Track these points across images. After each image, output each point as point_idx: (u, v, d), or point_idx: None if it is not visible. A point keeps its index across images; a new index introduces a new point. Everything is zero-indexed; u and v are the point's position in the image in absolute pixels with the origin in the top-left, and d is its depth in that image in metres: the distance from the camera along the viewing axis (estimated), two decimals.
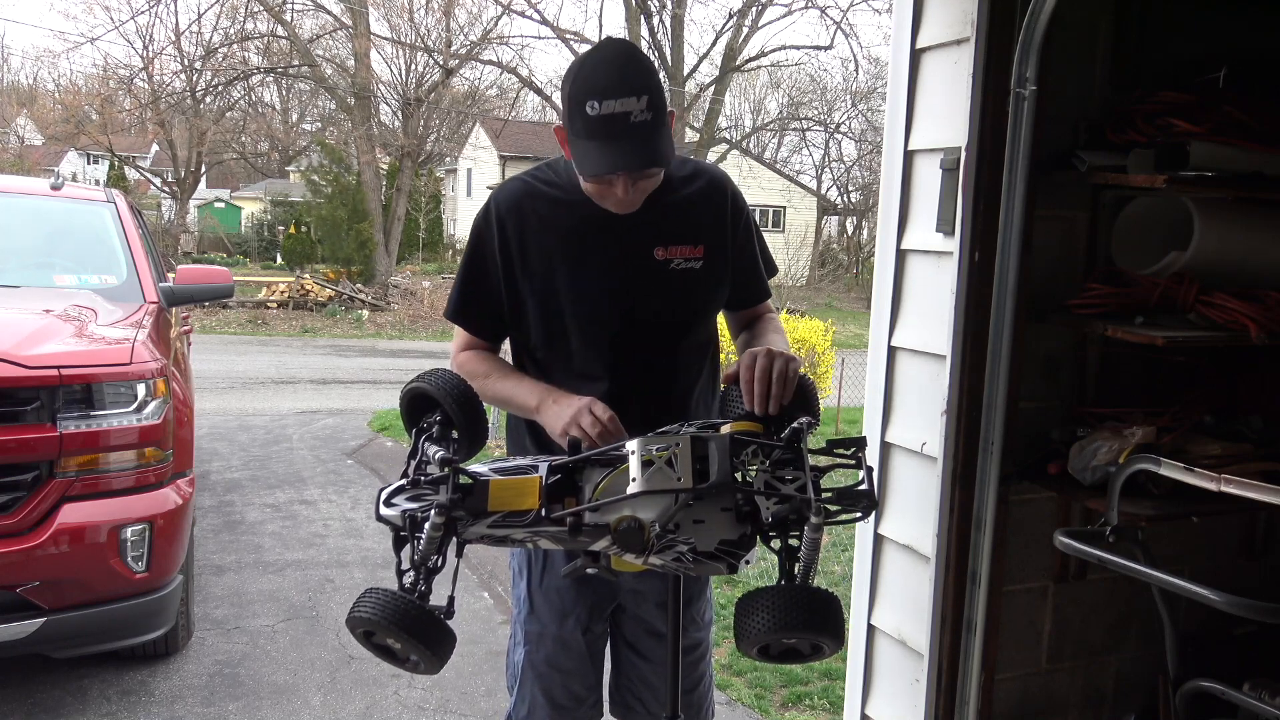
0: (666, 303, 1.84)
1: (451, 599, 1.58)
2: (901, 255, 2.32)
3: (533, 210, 1.81)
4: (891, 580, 2.40)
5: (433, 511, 1.53)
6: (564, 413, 1.66)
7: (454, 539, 1.58)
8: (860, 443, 1.64)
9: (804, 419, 1.58)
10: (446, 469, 1.55)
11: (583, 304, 1.80)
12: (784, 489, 1.53)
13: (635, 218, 1.79)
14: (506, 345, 1.98)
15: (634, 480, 1.50)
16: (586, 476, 1.58)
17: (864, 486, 1.58)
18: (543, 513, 1.55)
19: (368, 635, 1.57)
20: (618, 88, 1.58)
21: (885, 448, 2.38)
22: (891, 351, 2.36)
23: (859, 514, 1.59)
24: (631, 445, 1.54)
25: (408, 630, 1.50)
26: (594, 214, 1.79)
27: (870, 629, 2.45)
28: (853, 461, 1.62)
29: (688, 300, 1.86)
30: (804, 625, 1.44)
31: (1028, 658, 2.48)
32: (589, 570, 1.62)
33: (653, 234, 1.81)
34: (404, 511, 1.57)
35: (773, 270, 2.03)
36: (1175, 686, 2.20)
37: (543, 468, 1.60)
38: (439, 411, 1.65)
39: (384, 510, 1.59)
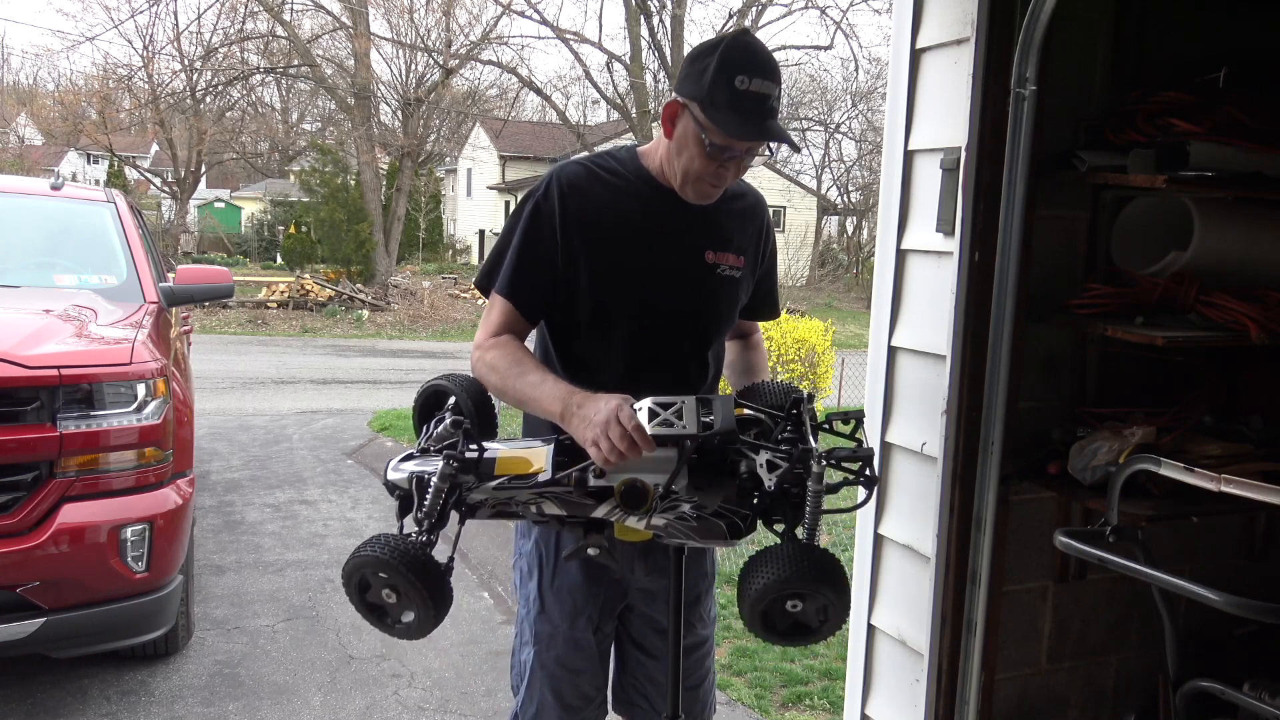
0: (709, 304, 1.88)
1: (451, 559, 1.61)
2: (901, 255, 2.32)
3: (594, 193, 1.82)
4: (891, 580, 2.40)
5: (441, 461, 1.57)
6: (592, 420, 1.58)
7: (459, 508, 1.62)
8: (859, 415, 1.69)
9: (806, 392, 1.67)
10: (457, 430, 1.60)
11: (633, 291, 1.81)
12: (784, 456, 1.58)
13: (690, 219, 1.84)
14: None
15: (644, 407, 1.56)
16: None
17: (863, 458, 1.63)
18: (549, 474, 1.60)
19: (362, 590, 1.57)
20: (765, 71, 1.69)
21: (885, 448, 2.38)
22: (891, 351, 2.36)
23: (860, 476, 1.62)
24: (640, 404, 1.57)
25: (415, 572, 1.51)
26: (655, 207, 1.82)
27: (870, 629, 2.45)
28: (853, 441, 1.67)
29: (727, 306, 1.92)
30: (806, 577, 1.46)
31: (1028, 658, 2.48)
32: (591, 552, 1.64)
33: (705, 237, 1.86)
34: (412, 474, 1.61)
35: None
36: (1175, 686, 2.20)
37: (551, 445, 1.65)
38: (452, 402, 1.70)
39: (391, 474, 1.63)
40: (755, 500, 1.59)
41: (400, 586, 1.53)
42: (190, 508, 3.45)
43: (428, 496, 1.57)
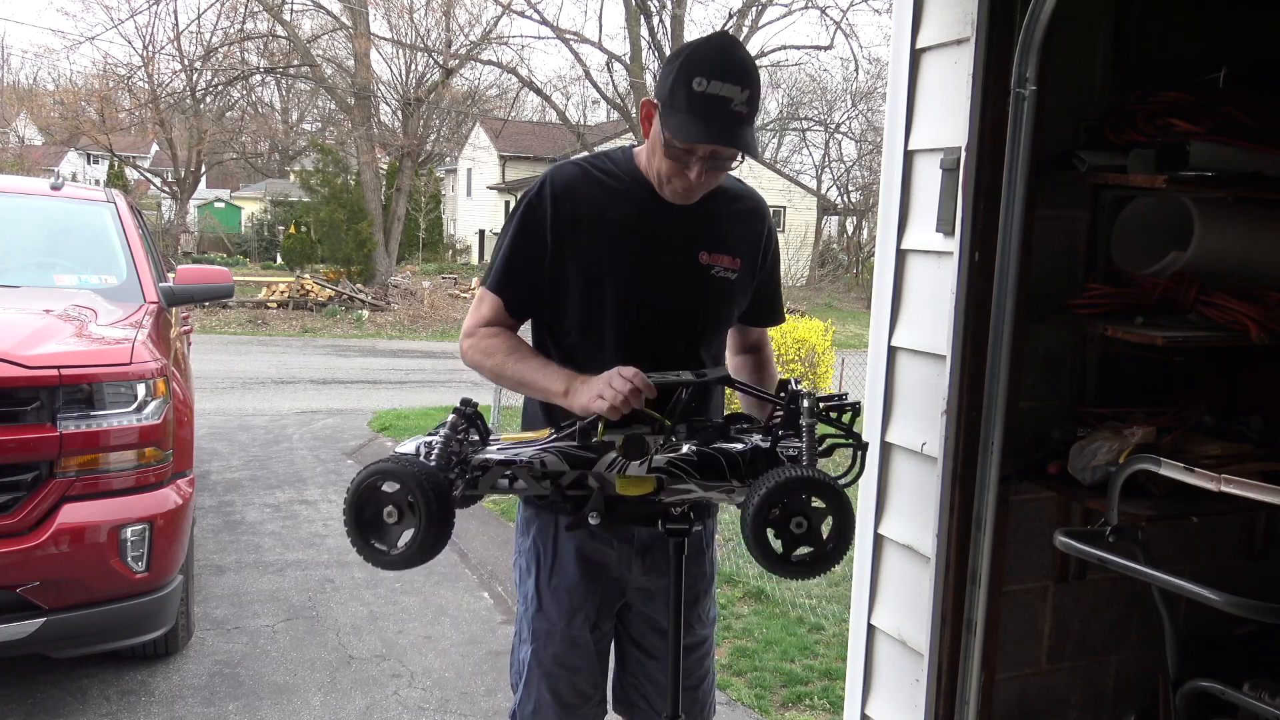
0: (702, 305, 1.89)
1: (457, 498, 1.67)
2: (901, 255, 2.32)
3: (588, 194, 1.83)
4: (891, 580, 2.40)
5: (451, 415, 1.64)
6: (594, 381, 1.65)
7: (464, 474, 1.65)
8: (843, 396, 1.76)
9: (796, 379, 1.76)
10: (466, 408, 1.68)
11: (626, 291, 1.82)
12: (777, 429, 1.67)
13: (685, 220, 1.84)
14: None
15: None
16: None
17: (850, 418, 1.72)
18: (552, 433, 1.67)
19: (360, 510, 1.57)
20: (726, 73, 1.65)
21: (885, 448, 2.38)
22: (891, 351, 2.36)
23: (849, 435, 1.68)
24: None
25: (434, 490, 1.53)
26: (648, 209, 1.82)
27: (870, 629, 2.45)
28: (842, 420, 1.72)
29: (721, 307, 1.93)
30: (808, 478, 1.48)
31: (1028, 658, 2.48)
32: (592, 520, 1.66)
33: (700, 238, 1.86)
34: (419, 445, 1.65)
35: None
36: (1175, 686, 2.20)
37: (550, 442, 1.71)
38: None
39: (398, 450, 1.66)
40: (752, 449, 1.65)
41: (410, 498, 1.53)
42: (190, 508, 3.45)
43: (435, 449, 1.61)
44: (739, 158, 1.76)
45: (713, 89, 1.64)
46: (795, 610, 4.30)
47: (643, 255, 1.83)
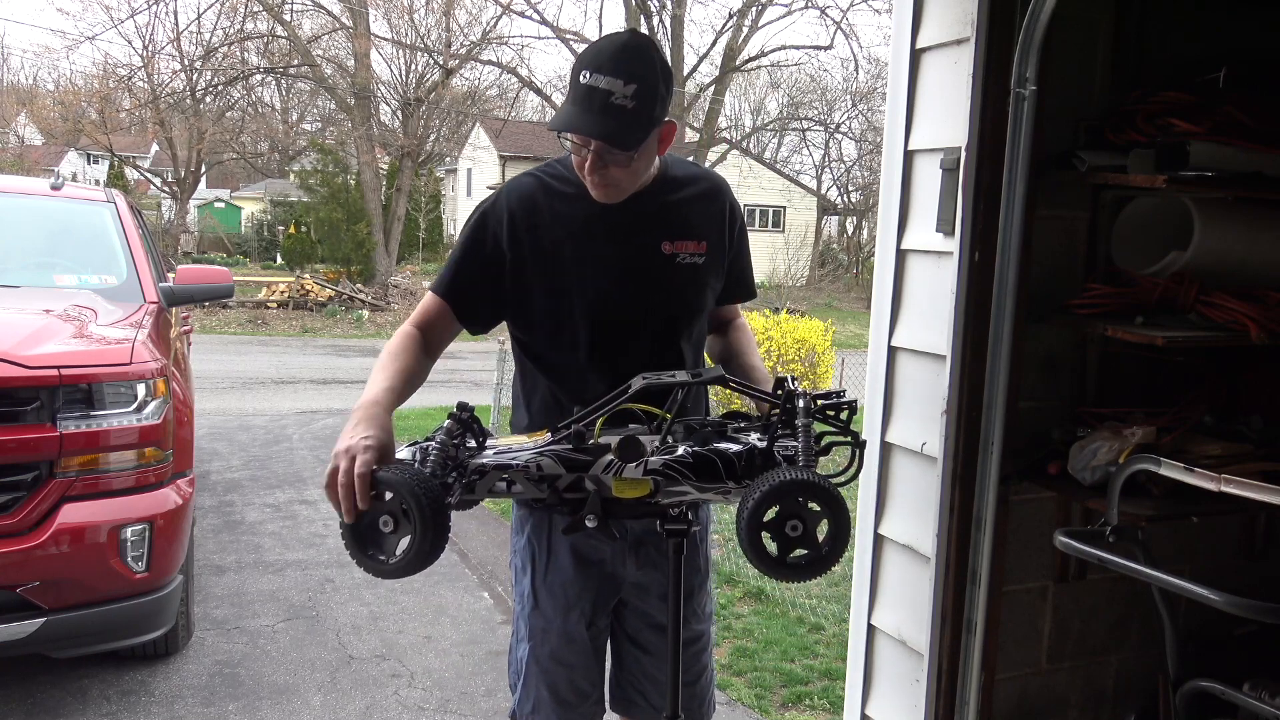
0: (673, 295, 1.88)
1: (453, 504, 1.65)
2: (901, 255, 2.32)
3: (545, 204, 1.83)
4: (891, 580, 2.40)
5: (447, 420, 1.62)
6: (343, 439, 1.58)
7: (461, 478, 1.64)
8: (839, 393, 1.76)
9: (793, 377, 1.75)
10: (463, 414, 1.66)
11: (592, 296, 1.82)
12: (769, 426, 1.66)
13: (642, 214, 1.84)
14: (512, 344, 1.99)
15: (637, 380, 1.63)
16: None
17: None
18: (548, 435, 1.66)
19: (355, 522, 1.57)
20: (611, 67, 1.66)
21: (885, 448, 2.38)
22: (891, 351, 2.36)
23: (845, 430, 1.68)
24: (633, 381, 1.64)
25: (427, 496, 1.51)
26: (604, 209, 1.82)
27: (870, 629, 2.45)
28: (839, 421, 1.71)
29: (693, 294, 1.91)
30: (802, 479, 1.47)
31: (1028, 658, 2.48)
32: (589, 522, 1.66)
33: (660, 229, 1.86)
34: (414, 450, 1.64)
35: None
36: (1175, 686, 2.20)
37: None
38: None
39: (396, 454, 1.65)
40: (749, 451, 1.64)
41: (404, 505, 1.52)
42: (190, 508, 3.45)
43: (432, 454, 1.60)
44: (632, 153, 1.71)
45: (593, 80, 1.65)
46: (795, 610, 4.30)
47: (605, 255, 1.83)
